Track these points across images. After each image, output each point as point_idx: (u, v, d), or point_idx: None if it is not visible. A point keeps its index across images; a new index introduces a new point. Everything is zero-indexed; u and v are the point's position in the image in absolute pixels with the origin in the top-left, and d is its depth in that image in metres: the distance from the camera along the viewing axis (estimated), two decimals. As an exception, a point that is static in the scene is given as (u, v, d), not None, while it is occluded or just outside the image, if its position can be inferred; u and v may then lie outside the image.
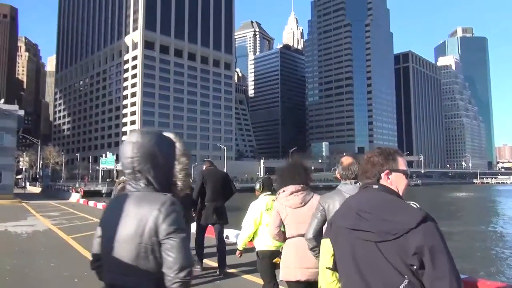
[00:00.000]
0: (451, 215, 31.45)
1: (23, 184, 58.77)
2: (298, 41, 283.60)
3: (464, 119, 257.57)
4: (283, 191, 3.42)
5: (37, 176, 73.68)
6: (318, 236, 2.82)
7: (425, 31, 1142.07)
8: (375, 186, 1.65)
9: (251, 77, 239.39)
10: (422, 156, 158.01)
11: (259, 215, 4.07)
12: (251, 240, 4.14)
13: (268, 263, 3.93)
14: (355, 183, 3.00)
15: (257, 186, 4.32)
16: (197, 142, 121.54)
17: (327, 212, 2.88)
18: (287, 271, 3.24)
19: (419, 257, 1.39)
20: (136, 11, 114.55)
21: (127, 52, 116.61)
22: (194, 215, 6.46)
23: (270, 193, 4.24)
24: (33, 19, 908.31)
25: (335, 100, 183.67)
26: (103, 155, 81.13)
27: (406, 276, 1.40)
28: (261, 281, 4.11)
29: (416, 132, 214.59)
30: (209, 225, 6.44)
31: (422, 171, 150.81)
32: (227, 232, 9.22)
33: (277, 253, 3.91)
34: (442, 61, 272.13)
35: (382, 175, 1.66)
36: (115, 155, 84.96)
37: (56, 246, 9.07)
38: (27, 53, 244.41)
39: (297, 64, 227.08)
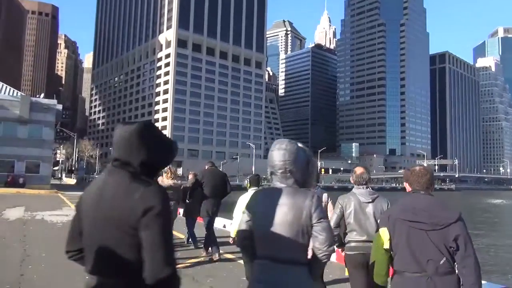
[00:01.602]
0: (485, 223, 30.30)
1: (60, 176, 61.16)
2: (330, 40, 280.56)
3: (503, 122, 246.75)
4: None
5: (73, 168, 76.50)
6: (336, 228, 3.56)
7: (463, 31, 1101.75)
8: (422, 192, 2.40)
9: (281, 76, 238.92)
10: (456, 160, 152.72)
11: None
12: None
13: None
14: (366, 188, 3.70)
15: (245, 182, 5.46)
16: (227, 139, 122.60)
17: (344, 209, 3.60)
18: None
19: (455, 242, 2.15)
20: (170, 10, 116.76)
21: (161, 50, 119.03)
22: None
23: (256, 188, 5.13)
24: (72, 17, 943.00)
25: (366, 101, 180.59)
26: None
27: (444, 255, 2.17)
28: None
29: (451, 135, 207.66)
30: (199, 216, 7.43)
31: (456, 176, 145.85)
32: (224, 222, 10.64)
33: None
34: (481, 62, 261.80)
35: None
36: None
37: (88, 236, 9.39)
38: (66, 50, 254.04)
39: (328, 64, 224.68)
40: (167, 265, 1.40)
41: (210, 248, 7.04)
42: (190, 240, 8.23)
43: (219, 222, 10.09)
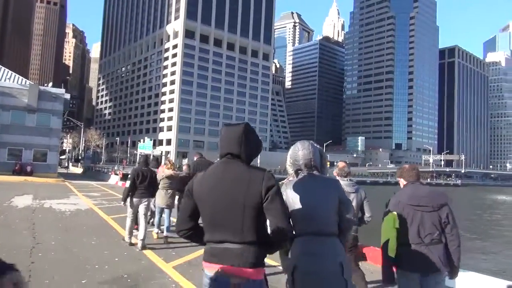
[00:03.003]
0: (489, 219, 30.18)
1: (66, 165, 61.58)
2: (338, 33, 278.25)
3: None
4: None
5: (79, 158, 77.01)
6: None
7: (474, 25, 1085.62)
8: (417, 183, 3.23)
9: (288, 69, 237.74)
10: (463, 156, 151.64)
11: None
12: None
13: None
14: (348, 180, 4.41)
15: None
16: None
17: None
18: None
19: (447, 218, 3.01)
20: (178, 1, 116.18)
21: (168, 40, 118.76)
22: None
23: None
24: (80, 7, 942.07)
25: (374, 95, 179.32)
26: (141, 140, 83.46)
27: (438, 229, 3.01)
28: None
29: (458, 130, 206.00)
30: None
31: (463, 171, 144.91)
32: None
33: None
34: (491, 57, 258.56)
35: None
36: (152, 140, 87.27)
37: (97, 225, 9.47)
38: (74, 40, 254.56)
39: (336, 57, 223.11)
40: (288, 226, 1.98)
41: None
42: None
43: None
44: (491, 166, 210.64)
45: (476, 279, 5.13)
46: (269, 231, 1.99)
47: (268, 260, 6.02)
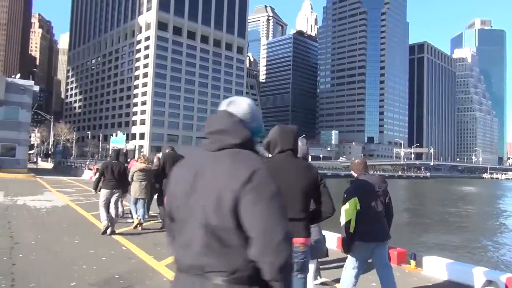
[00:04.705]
0: (459, 211, 31.22)
1: (35, 160, 59.39)
2: (312, 27, 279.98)
3: (477, 113, 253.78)
4: None
5: (49, 152, 74.44)
6: None
7: (442, 22, 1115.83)
8: (367, 173, 4.18)
9: (262, 62, 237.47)
10: (432, 149, 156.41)
11: None
12: None
13: None
14: None
15: None
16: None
17: None
18: None
19: (389, 199, 4.11)
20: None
21: (140, 32, 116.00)
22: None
23: None
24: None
25: (346, 89, 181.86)
26: (114, 134, 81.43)
27: (384, 206, 4.01)
28: None
29: (427, 124, 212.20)
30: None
31: (431, 164, 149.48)
32: None
33: None
34: (458, 53, 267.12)
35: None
36: (125, 134, 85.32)
37: (77, 223, 9.05)
38: (40, 30, 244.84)
39: (309, 51, 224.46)
40: (333, 207, 2.64)
41: None
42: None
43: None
44: (458, 159, 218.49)
45: (440, 262, 5.91)
46: (322, 208, 2.62)
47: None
